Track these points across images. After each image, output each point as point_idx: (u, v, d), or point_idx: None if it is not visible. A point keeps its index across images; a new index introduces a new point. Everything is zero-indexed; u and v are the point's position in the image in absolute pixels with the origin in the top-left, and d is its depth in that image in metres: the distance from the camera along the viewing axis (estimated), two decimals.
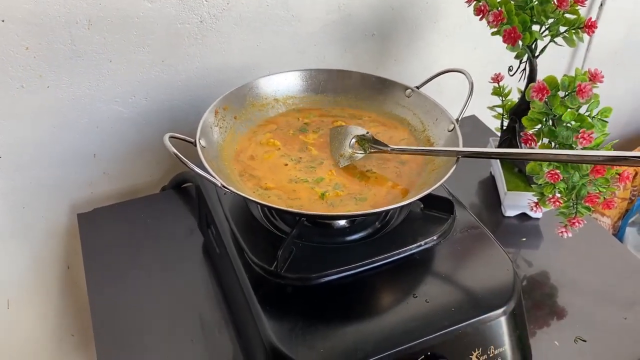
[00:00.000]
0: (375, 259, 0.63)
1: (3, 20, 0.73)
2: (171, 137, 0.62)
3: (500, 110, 0.93)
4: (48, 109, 0.82)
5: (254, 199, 0.60)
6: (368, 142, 0.71)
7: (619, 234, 1.27)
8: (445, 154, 0.68)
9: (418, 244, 0.65)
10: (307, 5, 0.91)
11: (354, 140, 0.71)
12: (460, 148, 0.66)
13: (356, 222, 0.68)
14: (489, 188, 0.98)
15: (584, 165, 0.74)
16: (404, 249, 0.64)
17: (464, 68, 0.76)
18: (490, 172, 1.00)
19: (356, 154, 0.71)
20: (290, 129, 0.77)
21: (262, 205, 0.66)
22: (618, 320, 0.76)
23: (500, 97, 0.92)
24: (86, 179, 0.93)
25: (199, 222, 0.82)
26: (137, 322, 0.73)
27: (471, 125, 1.13)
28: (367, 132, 0.72)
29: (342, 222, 0.68)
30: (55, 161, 0.88)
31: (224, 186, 0.58)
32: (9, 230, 0.91)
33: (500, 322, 0.60)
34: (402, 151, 0.70)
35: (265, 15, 0.89)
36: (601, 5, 1.22)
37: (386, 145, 0.70)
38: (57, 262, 0.99)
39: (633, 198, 1.34)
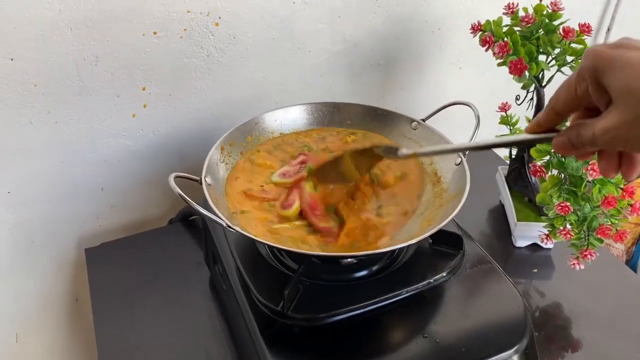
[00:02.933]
0: (384, 297, 0.62)
1: (12, 59, 0.74)
2: (177, 176, 0.61)
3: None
4: (56, 144, 0.83)
5: (259, 239, 0.59)
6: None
7: (633, 259, 1.25)
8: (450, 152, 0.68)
9: (427, 281, 0.63)
10: (313, 37, 0.92)
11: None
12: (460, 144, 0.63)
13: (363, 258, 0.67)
14: (499, 217, 0.97)
15: (594, 196, 0.73)
16: (412, 286, 0.63)
17: (471, 95, 0.75)
18: (500, 201, 0.99)
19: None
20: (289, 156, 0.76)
21: (269, 245, 0.66)
22: (634, 354, 0.74)
23: (508, 126, 0.91)
24: (94, 212, 0.93)
25: (206, 257, 0.82)
26: (143, 356, 0.72)
27: (480, 153, 1.11)
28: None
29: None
30: (63, 195, 0.88)
31: (229, 226, 0.58)
32: (18, 264, 0.91)
33: None
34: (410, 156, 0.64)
35: (271, 48, 0.90)
36: (608, 30, 1.21)
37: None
38: (66, 295, 0.99)
39: None
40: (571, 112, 0.45)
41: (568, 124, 0.45)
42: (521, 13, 0.81)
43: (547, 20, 0.79)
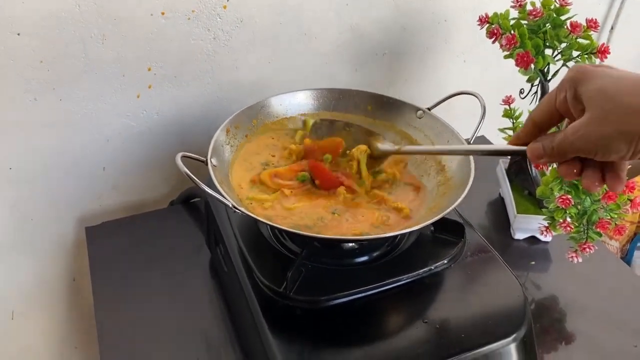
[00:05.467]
0: (385, 282, 0.62)
1: (19, 34, 0.73)
2: (183, 156, 0.62)
3: (510, 132, 0.93)
4: (60, 122, 0.83)
5: (265, 221, 0.59)
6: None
7: (627, 257, 1.26)
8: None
9: (428, 268, 0.64)
10: (320, 24, 0.92)
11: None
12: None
13: (365, 243, 0.68)
14: (498, 209, 0.97)
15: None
16: (413, 272, 0.63)
17: (474, 88, 0.75)
18: (500, 193, 1.00)
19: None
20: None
21: (274, 227, 0.66)
22: (628, 347, 0.75)
23: (511, 120, 0.91)
24: (95, 192, 0.93)
25: (207, 239, 0.82)
26: (143, 338, 0.73)
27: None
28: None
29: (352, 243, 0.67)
30: (64, 174, 0.88)
31: (234, 207, 0.58)
32: (16, 241, 0.91)
33: (510, 350, 0.60)
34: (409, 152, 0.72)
35: (278, 33, 0.89)
36: (612, 28, 1.22)
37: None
38: (63, 274, 0.99)
39: None
40: (550, 124, 0.48)
41: None
42: (529, 7, 0.81)
43: (554, 15, 0.79)
